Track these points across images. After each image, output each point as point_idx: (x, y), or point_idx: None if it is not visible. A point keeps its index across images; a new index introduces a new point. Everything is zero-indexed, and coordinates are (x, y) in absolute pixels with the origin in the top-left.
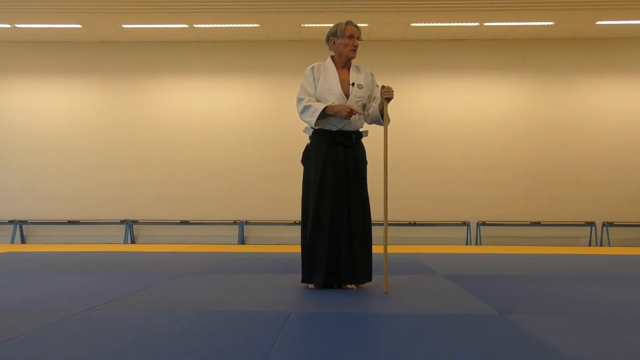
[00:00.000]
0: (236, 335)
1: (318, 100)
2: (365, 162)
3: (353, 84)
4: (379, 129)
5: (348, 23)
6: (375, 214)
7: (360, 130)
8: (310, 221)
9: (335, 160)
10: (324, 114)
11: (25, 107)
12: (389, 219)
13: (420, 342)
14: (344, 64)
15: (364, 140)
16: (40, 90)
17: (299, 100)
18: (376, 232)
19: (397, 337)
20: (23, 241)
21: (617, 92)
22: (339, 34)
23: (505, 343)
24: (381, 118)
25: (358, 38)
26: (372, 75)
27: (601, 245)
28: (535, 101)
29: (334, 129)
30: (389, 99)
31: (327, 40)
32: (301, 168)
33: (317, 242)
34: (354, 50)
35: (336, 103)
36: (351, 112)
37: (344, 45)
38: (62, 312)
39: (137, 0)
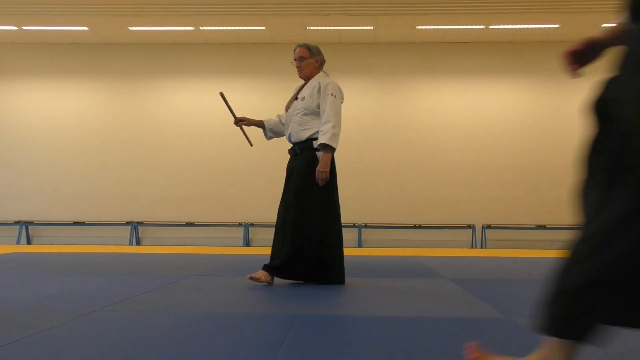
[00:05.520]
0: (242, 337)
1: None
2: (305, 172)
3: (297, 98)
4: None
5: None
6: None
7: (303, 139)
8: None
9: (287, 169)
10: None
11: (32, 108)
12: (393, 222)
13: (426, 346)
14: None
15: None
16: (47, 91)
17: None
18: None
19: (401, 340)
20: (29, 242)
21: None
22: None
23: (511, 346)
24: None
25: (297, 59)
26: (319, 85)
27: None
28: (541, 104)
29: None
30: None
31: None
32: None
33: (274, 241)
34: (299, 71)
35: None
36: (235, 121)
37: None
38: (69, 313)
39: (143, 3)
